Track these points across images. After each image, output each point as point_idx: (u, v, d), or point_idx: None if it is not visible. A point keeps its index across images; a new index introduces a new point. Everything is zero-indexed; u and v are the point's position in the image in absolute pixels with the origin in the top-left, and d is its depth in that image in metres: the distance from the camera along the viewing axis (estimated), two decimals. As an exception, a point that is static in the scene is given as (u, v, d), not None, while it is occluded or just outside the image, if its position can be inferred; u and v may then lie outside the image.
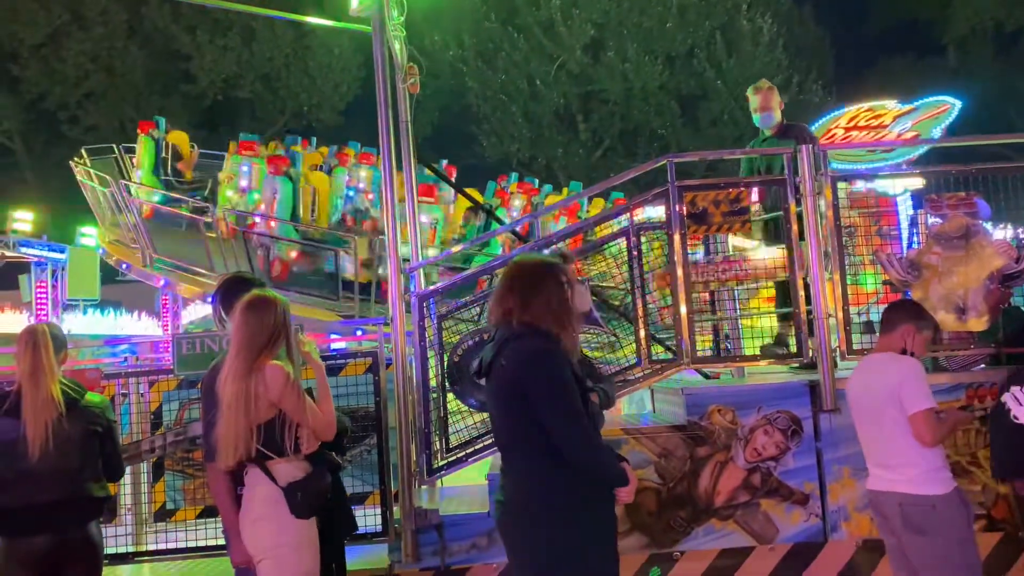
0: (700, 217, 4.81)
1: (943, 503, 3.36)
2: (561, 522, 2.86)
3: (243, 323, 3.30)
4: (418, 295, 4.91)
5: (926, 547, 3.37)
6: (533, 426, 2.86)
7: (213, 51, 26.64)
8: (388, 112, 4.91)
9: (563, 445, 2.84)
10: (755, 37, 26.76)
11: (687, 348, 4.70)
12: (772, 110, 5.81)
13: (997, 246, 4.62)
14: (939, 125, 14.10)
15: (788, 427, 4.59)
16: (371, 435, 4.89)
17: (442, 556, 4.56)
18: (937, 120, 14.23)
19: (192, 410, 5.12)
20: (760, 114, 5.83)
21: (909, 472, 3.41)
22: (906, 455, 3.41)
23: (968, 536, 3.39)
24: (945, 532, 3.34)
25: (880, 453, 3.55)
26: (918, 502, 3.37)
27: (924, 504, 3.36)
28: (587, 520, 2.90)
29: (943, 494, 3.37)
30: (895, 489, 3.45)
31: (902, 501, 3.42)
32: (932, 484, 3.38)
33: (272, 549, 3.27)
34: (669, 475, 4.60)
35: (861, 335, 4.67)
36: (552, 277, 2.99)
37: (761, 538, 4.56)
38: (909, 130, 13.78)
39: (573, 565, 2.86)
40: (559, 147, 28.34)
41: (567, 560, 2.86)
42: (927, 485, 3.38)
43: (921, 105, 14.53)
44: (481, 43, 27.48)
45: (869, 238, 5.01)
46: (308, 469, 3.36)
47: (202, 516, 5.04)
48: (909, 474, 3.41)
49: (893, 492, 3.46)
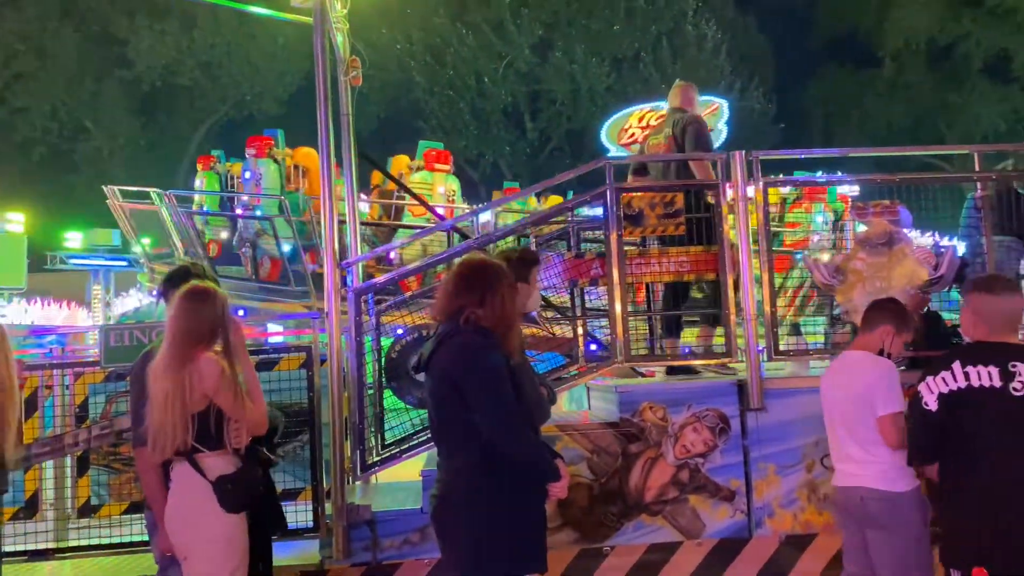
0: (636, 218, 4.90)
1: (905, 500, 3.48)
2: (493, 516, 2.91)
3: (179, 314, 3.24)
4: (355, 290, 4.89)
5: (886, 542, 3.49)
6: (469, 421, 2.90)
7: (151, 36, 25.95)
8: (327, 105, 4.86)
9: (497, 440, 2.89)
10: (700, 43, 27.27)
11: (621, 346, 4.78)
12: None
13: (918, 253, 4.81)
14: (719, 120, 16.52)
15: (716, 425, 4.70)
16: (304, 431, 4.85)
17: (374, 551, 4.55)
18: (714, 116, 16.40)
19: (120, 403, 4.99)
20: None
21: (874, 468, 3.52)
22: (873, 452, 3.53)
23: (925, 535, 3.52)
24: (905, 528, 3.47)
25: (847, 449, 3.64)
26: (881, 497, 3.48)
27: (886, 499, 3.47)
28: (519, 514, 2.96)
29: (905, 491, 3.49)
30: (859, 484, 3.56)
31: (865, 495, 3.52)
32: (895, 481, 3.49)
33: (199, 544, 3.22)
34: (601, 471, 4.67)
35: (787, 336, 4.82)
36: (507, 280, 3.05)
37: (689, 533, 4.66)
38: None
39: (503, 558, 2.92)
40: (506, 145, 28.42)
41: (497, 553, 2.91)
42: (890, 481, 3.49)
43: (701, 103, 16.35)
44: (429, 38, 27.38)
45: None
46: (238, 463, 3.32)
47: (128, 512, 4.93)
48: (874, 470, 3.52)
49: (857, 487, 3.56)
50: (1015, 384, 2.95)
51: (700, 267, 4.93)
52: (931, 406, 3.04)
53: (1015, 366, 2.98)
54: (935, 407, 3.04)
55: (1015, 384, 2.95)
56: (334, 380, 4.62)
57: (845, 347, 4.85)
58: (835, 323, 5.48)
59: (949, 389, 3.02)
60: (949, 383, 3.02)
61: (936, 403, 3.03)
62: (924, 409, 3.06)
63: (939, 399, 3.03)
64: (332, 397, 4.62)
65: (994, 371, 2.98)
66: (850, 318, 4.86)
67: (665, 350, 5.49)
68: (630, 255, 4.90)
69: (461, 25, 27.03)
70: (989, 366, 2.99)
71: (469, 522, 2.94)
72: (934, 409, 3.04)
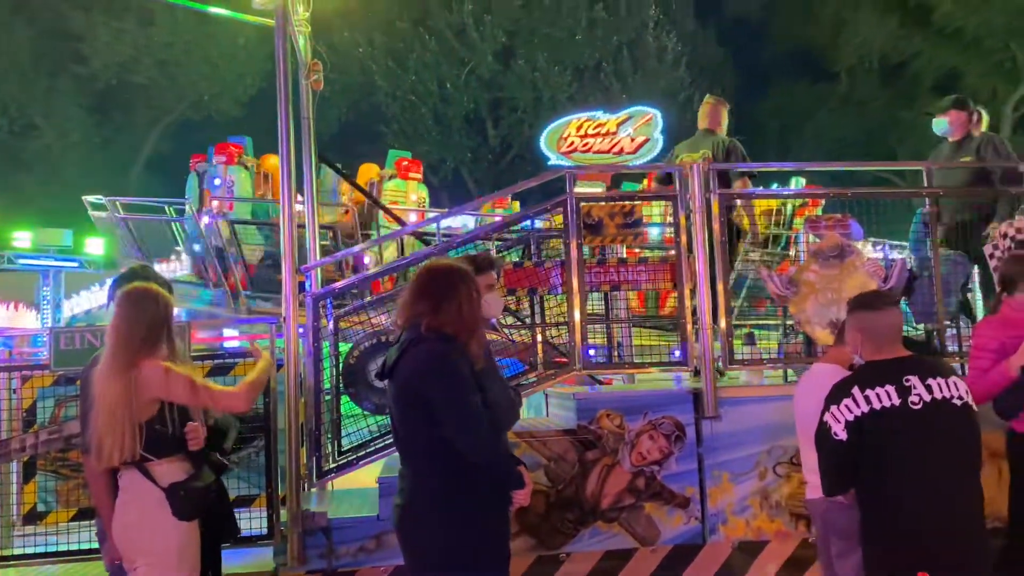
0: (596, 228, 4.95)
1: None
2: (457, 523, 2.92)
3: (119, 317, 3.18)
4: (313, 295, 4.86)
5: (849, 551, 3.55)
6: (433, 429, 2.90)
7: (107, 33, 25.39)
8: (288, 108, 4.83)
9: (462, 448, 2.89)
10: (660, 55, 27.59)
11: (579, 354, 4.82)
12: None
13: (868, 266, 4.94)
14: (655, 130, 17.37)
15: (672, 432, 4.76)
16: (259, 437, 4.79)
17: (329, 559, 4.51)
18: (649, 125, 17.44)
19: (69, 407, 4.88)
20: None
21: None
22: None
23: None
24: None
25: (813, 460, 3.70)
26: (844, 507, 3.51)
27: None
28: (482, 522, 2.96)
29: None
30: (822, 495, 3.59)
31: (829, 506, 3.58)
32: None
33: (151, 554, 3.16)
34: (558, 478, 4.69)
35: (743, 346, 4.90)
36: (465, 284, 3.03)
37: (644, 540, 4.71)
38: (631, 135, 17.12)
39: (466, 566, 2.92)
40: (468, 151, 28.41)
41: (460, 561, 2.91)
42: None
43: (635, 112, 17.76)
44: (392, 42, 27.26)
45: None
46: (190, 470, 3.27)
47: (76, 519, 4.82)
48: None
49: (820, 498, 3.59)
50: (912, 398, 3.05)
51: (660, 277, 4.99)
52: (840, 435, 3.11)
53: (908, 380, 3.08)
54: (844, 436, 3.11)
55: (912, 398, 3.05)
56: (291, 385, 4.58)
57: (796, 357, 4.95)
58: (788, 333, 5.59)
59: (854, 415, 3.09)
60: (853, 409, 3.10)
61: (845, 431, 3.10)
62: (834, 441, 3.13)
63: (847, 427, 3.10)
64: (289, 402, 4.58)
65: (891, 390, 3.07)
66: (803, 328, 4.97)
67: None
68: (589, 264, 4.95)
69: (424, 30, 26.98)
70: (885, 386, 3.08)
71: (433, 531, 2.93)
72: (844, 438, 3.11)
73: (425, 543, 2.96)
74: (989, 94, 27.18)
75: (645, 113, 17.60)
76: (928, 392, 3.06)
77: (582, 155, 17.30)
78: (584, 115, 17.99)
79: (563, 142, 17.56)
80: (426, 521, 2.95)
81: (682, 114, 27.36)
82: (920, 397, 3.05)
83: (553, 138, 17.77)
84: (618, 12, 27.45)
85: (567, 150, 17.38)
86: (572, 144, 17.39)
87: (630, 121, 17.31)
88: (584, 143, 17.23)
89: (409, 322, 3.03)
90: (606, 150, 17.30)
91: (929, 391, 3.06)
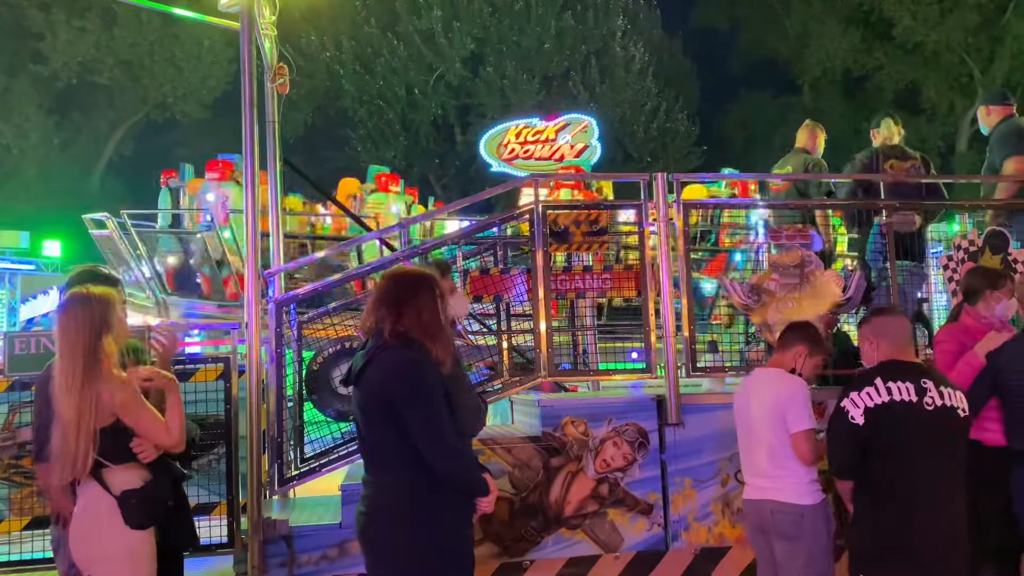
0: (562, 236, 4.98)
1: (811, 513, 3.63)
2: (422, 530, 2.91)
3: (61, 327, 3.12)
4: (276, 301, 4.82)
5: (793, 553, 3.63)
6: (399, 435, 2.89)
7: (69, 32, 24.93)
8: (253, 111, 4.79)
9: (428, 455, 2.89)
10: (627, 64, 27.80)
11: (545, 361, 4.84)
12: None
13: (828, 276, 5.02)
14: (592, 136, 18.01)
15: (636, 439, 4.79)
16: (220, 444, 4.73)
17: (290, 567, 4.46)
18: (586, 132, 18.11)
19: (23, 414, 4.77)
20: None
21: (782, 482, 3.67)
22: (783, 466, 3.67)
23: (829, 547, 3.68)
24: (811, 540, 3.62)
25: (758, 463, 3.78)
26: (788, 510, 3.63)
27: (794, 513, 3.62)
28: (446, 528, 2.96)
29: (811, 504, 3.65)
30: (767, 497, 3.71)
31: (774, 509, 3.67)
32: (803, 495, 3.65)
33: (103, 562, 3.10)
34: (523, 485, 4.69)
35: (705, 354, 4.95)
36: (426, 289, 3.03)
37: (607, 547, 4.72)
38: (571, 141, 17.66)
39: (430, 573, 2.92)
40: (436, 157, 28.37)
41: (424, 568, 2.91)
42: (798, 495, 3.65)
43: (571, 120, 18.47)
44: (360, 47, 27.14)
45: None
46: (147, 477, 3.21)
47: (30, 527, 4.71)
48: (782, 484, 3.67)
49: (765, 500, 3.71)
50: (927, 399, 3.25)
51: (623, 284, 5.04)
52: (858, 420, 3.27)
53: (925, 383, 3.29)
54: (862, 420, 3.27)
55: (927, 399, 3.25)
56: (253, 392, 4.53)
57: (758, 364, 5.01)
58: (750, 341, 5.66)
59: (875, 403, 3.27)
60: (874, 397, 3.28)
61: (863, 417, 3.27)
62: (851, 424, 3.29)
63: (865, 413, 3.27)
64: (251, 409, 4.52)
65: (911, 386, 3.27)
66: (764, 336, 5.03)
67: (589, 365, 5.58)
68: (555, 272, 4.97)
69: (392, 35, 26.90)
70: (906, 382, 3.28)
71: (398, 538, 2.92)
72: (861, 423, 3.28)
73: (389, 550, 2.95)
74: (947, 108, 27.86)
75: (581, 120, 18.15)
76: (940, 397, 3.28)
77: (524, 162, 17.56)
78: (521, 122, 18.33)
79: (503, 149, 17.91)
80: (391, 529, 2.93)
81: (648, 124, 27.67)
82: (934, 400, 3.26)
83: (493, 144, 18.07)
84: (586, 21, 27.64)
85: (508, 157, 17.67)
86: (513, 151, 17.75)
87: (568, 128, 17.77)
88: (525, 150, 17.61)
89: (371, 329, 3.02)
90: (547, 156, 17.60)
91: (941, 397, 3.28)
